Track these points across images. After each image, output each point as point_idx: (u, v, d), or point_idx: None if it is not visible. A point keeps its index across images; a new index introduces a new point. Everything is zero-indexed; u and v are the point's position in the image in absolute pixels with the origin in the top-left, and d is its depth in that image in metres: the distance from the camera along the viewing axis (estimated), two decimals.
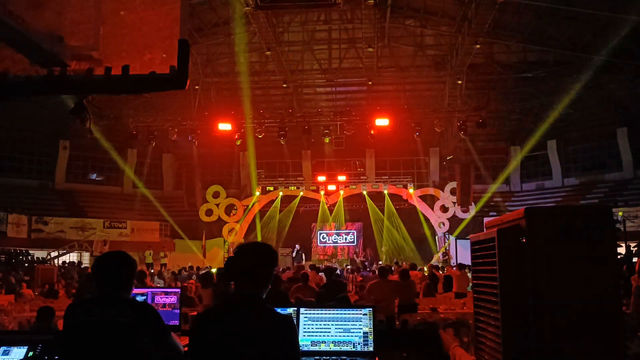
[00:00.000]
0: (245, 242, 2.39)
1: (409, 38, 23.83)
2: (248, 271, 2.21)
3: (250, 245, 2.32)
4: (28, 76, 2.30)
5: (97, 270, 2.65)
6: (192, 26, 21.32)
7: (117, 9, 2.33)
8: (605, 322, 2.02)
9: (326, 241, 26.68)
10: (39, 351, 3.31)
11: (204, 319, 2.20)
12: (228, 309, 2.18)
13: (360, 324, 3.37)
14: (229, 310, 2.16)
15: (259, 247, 2.31)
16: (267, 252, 2.29)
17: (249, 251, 2.28)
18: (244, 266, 2.21)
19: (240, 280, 2.20)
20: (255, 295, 2.18)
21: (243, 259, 2.24)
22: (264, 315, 2.12)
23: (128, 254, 2.76)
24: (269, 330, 2.07)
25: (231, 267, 2.25)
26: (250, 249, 2.30)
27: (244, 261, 2.23)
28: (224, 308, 2.21)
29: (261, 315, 2.12)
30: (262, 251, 2.29)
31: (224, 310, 2.19)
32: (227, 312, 2.16)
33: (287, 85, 23.79)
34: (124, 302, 2.56)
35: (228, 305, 2.20)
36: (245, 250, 2.28)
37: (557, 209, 3.06)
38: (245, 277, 2.20)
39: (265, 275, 2.23)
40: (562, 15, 19.85)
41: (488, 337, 2.40)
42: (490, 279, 2.33)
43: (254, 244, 2.33)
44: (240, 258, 2.24)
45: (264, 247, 2.32)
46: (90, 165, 26.66)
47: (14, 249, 21.20)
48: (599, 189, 24.12)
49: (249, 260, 2.23)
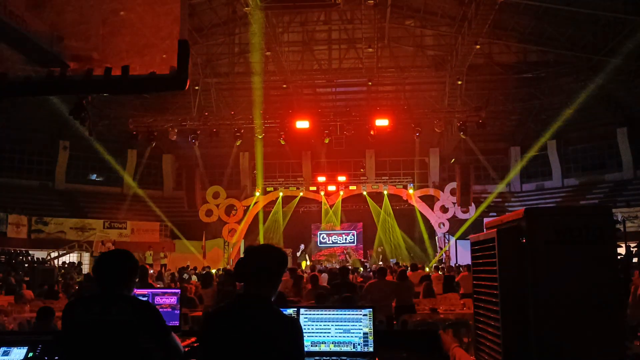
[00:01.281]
0: (257, 244, 2.43)
1: (409, 38, 23.84)
2: (259, 272, 2.23)
3: (261, 247, 2.36)
4: (28, 76, 2.30)
5: (98, 266, 2.63)
6: (192, 26, 21.33)
7: (117, 9, 2.33)
8: (605, 322, 2.01)
9: (326, 241, 26.69)
10: (39, 352, 3.30)
11: (214, 318, 2.22)
12: (238, 308, 2.20)
13: (360, 325, 3.37)
14: (239, 310, 2.18)
15: (270, 250, 2.34)
16: (279, 255, 2.32)
17: (260, 253, 2.31)
18: (255, 267, 2.24)
19: (250, 281, 2.23)
20: (264, 296, 2.20)
21: (254, 260, 2.27)
22: (273, 316, 2.15)
23: (130, 252, 2.75)
24: (277, 331, 2.10)
25: (242, 267, 2.28)
26: (261, 250, 2.33)
27: (256, 262, 2.26)
28: (233, 308, 2.23)
29: (270, 316, 2.15)
30: (274, 254, 2.31)
31: (234, 310, 2.20)
32: (237, 311, 2.18)
33: (287, 86, 23.79)
34: (125, 300, 2.54)
35: (237, 305, 2.22)
36: (256, 252, 2.31)
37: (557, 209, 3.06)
38: (255, 278, 2.22)
39: (275, 277, 2.28)
40: (562, 15, 19.86)
41: (488, 337, 2.40)
42: (490, 279, 2.33)
43: (265, 246, 2.37)
44: (252, 259, 2.27)
45: (275, 249, 2.34)
46: (90, 166, 26.64)
47: (14, 249, 21.18)
48: (599, 189, 24.11)
49: (260, 261, 2.26)
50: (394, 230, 24.51)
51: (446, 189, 24.29)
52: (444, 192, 24.29)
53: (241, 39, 23.82)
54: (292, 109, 23.06)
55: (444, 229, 24.01)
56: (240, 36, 23.70)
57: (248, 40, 23.00)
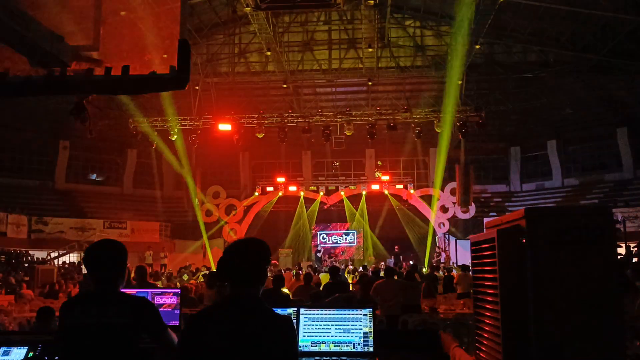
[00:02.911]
0: (236, 240, 2.25)
1: (409, 38, 23.83)
2: (243, 270, 2.12)
3: (241, 243, 2.21)
4: (28, 76, 2.30)
5: (88, 260, 2.59)
6: (192, 26, 21.34)
7: (117, 9, 2.33)
8: (605, 322, 2.01)
9: (326, 241, 26.68)
10: (39, 352, 3.30)
11: (200, 319, 2.11)
12: (226, 309, 2.09)
13: (361, 325, 3.36)
14: (227, 311, 2.07)
15: (251, 245, 2.20)
16: (261, 249, 2.19)
17: (241, 249, 2.17)
18: (238, 266, 2.12)
19: (237, 281, 2.11)
20: (252, 294, 2.11)
21: (236, 258, 2.14)
22: (263, 315, 2.07)
23: (116, 240, 2.70)
24: (269, 330, 2.02)
25: (225, 267, 2.14)
26: (242, 247, 2.19)
27: (238, 260, 2.13)
28: (221, 308, 2.12)
29: (260, 315, 2.06)
30: (255, 248, 2.18)
31: (222, 311, 2.10)
32: (225, 312, 2.07)
33: (287, 86, 23.80)
34: (122, 299, 2.52)
35: (225, 305, 2.11)
36: (237, 249, 2.17)
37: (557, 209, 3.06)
38: (240, 277, 2.11)
39: (261, 273, 2.16)
40: (562, 15, 19.85)
41: (488, 337, 2.40)
42: (490, 279, 2.33)
43: (244, 241, 2.23)
44: (233, 257, 2.14)
45: (256, 244, 2.21)
46: (90, 165, 26.65)
47: (14, 249, 21.18)
48: (599, 189, 24.11)
49: (242, 259, 2.13)
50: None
51: (446, 189, 24.29)
52: (444, 192, 24.29)
53: (241, 39, 23.84)
54: (292, 109, 23.10)
55: (444, 229, 24.00)
56: (240, 36, 23.73)
57: (248, 40, 23.08)
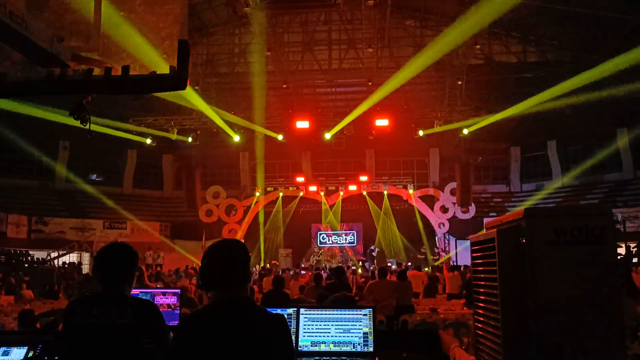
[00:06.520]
0: (213, 244, 2.18)
1: (409, 38, 23.82)
2: (233, 273, 2.07)
3: (223, 248, 2.15)
4: (28, 76, 2.30)
5: (98, 262, 2.60)
6: (192, 26, 21.33)
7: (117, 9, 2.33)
8: (605, 322, 2.01)
9: (326, 241, 26.68)
10: (39, 351, 3.30)
11: (193, 322, 2.08)
12: (218, 312, 2.05)
13: (360, 325, 3.36)
14: (220, 314, 2.04)
15: (230, 247, 2.16)
16: (244, 250, 2.16)
17: (221, 253, 2.12)
18: (227, 269, 2.07)
19: (223, 285, 2.07)
20: (243, 296, 2.09)
21: (219, 263, 2.08)
22: (256, 316, 2.04)
23: (129, 245, 2.72)
24: (263, 331, 2.00)
25: (211, 272, 2.08)
26: (225, 251, 2.13)
27: (226, 263, 2.08)
28: (215, 311, 2.07)
29: (254, 316, 2.04)
30: (236, 252, 2.13)
31: (216, 314, 2.05)
32: (218, 315, 2.04)
33: (287, 86, 23.80)
34: (126, 301, 2.52)
35: (217, 308, 2.07)
36: (216, 254, 2.12)
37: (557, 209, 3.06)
38: (230, 280, 2.07)
39: (248, 274, 2.13)
40: (562, 15, 19.85)
41: (488, 337, 2.40)
42: (490, 279, 2.33)
43: (222, 244, 2.18)
44: (220, 261, 2.09)
45: (235, 246, 2.17)
46: (90, 165, 26.63)
47: (14, 249, 21.18)
48: (599, 189, 24.10)
49: (230, 262, 2.09)
50: (392, 231, 24.50)
51: (446, 189, 24.28)
52: (444, 192, 24.28)
53: (241, 39, 23.82)
54: (292, 108, 23.09)
55: (444, 229, 23.99)
56: (240, 36, 23.71)
57: (248, 40, 23.06)
